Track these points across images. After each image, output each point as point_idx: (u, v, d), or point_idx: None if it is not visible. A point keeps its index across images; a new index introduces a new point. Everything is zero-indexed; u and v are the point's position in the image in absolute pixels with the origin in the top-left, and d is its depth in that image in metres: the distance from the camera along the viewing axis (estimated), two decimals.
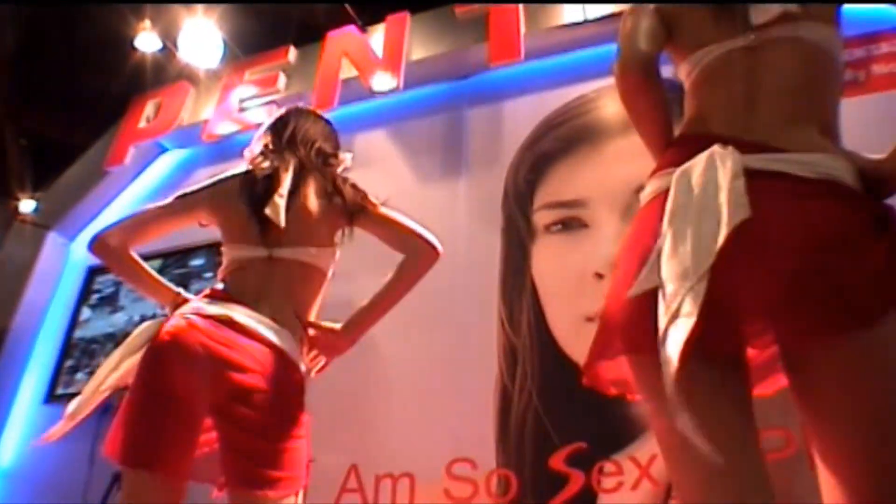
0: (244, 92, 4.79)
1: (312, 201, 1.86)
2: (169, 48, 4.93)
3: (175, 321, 1.66)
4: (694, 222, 1.11)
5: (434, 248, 1.93)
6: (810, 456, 1.24)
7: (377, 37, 4.55)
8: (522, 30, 4.06)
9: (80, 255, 5.01)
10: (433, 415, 3.26)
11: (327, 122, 2.10)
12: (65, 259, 5.03)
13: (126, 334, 4.28)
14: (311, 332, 1.84)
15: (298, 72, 4.80)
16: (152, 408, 1.61)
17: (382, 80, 4.30)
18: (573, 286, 3.21)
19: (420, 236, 1.93)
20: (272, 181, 1.83)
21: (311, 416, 1.73)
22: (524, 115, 3.90)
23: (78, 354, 4.41)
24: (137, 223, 1.92)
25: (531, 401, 3.09)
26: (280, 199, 1.79)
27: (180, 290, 1.88)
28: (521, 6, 4.13)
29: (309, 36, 4.90)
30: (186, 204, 1.91)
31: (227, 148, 4.80)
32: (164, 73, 5.15)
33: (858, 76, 3.36)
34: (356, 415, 3.40)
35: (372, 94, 4.34)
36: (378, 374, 3.48)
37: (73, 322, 4.57)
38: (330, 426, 3.34)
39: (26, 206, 5.16)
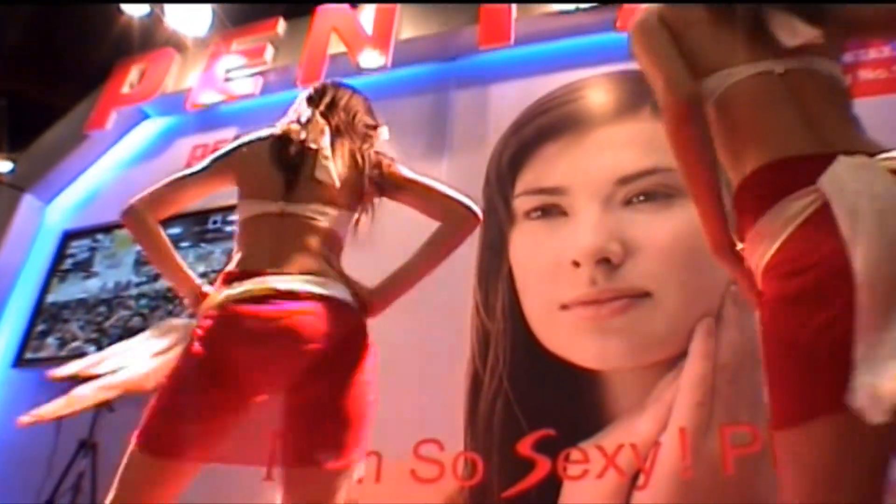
0: (230, 62, 4.75)
1: (340, 165, 1.80)
2: (156, 13, 4.86)
3: (214, 315, 1.58)
4: (886, 234, 1.05)
5: (475, 214, 1.82)
6: (774, 453, 1.22)
7: (367, 13, 4.51)
8: (514, 14, 4.04)
9: (55, 218, 4.95)
10: (402, 395, 3.25)
11: (366, 97, 2.06)
12: (40, 222, 4.97)
13: (100, 301, 4.28)
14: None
15: (286, 44, 4.75)
16: (206, 402, 1.53)
17: (370, 58, 4.27)
18: (550, 273, 3.20)
19: (459, 202, 1.82)
20: (306, 144, 1.78)
21: None
22: (510, 100, 3.88)
23: (49, 319, 4.36)
24: (173, 190, 1.80)
25: (501, 385, 3.09)
26: (327, 161, 1.76)
27: (202, 281, 1.76)
28: None
29: (299, 9, 4.85)
30: (221, 167, 1.82)
31: (210, 117, 4.76)
32: (151, 38, 5.07)
33: (846, 81, 3.38)
34: None
35: (359, 70, 4.29)
36: None
37: (46, 286, 4.51)
38: None
39: (2, 166, 5.12)
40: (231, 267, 1.67)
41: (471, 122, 3.98)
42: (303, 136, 1.80)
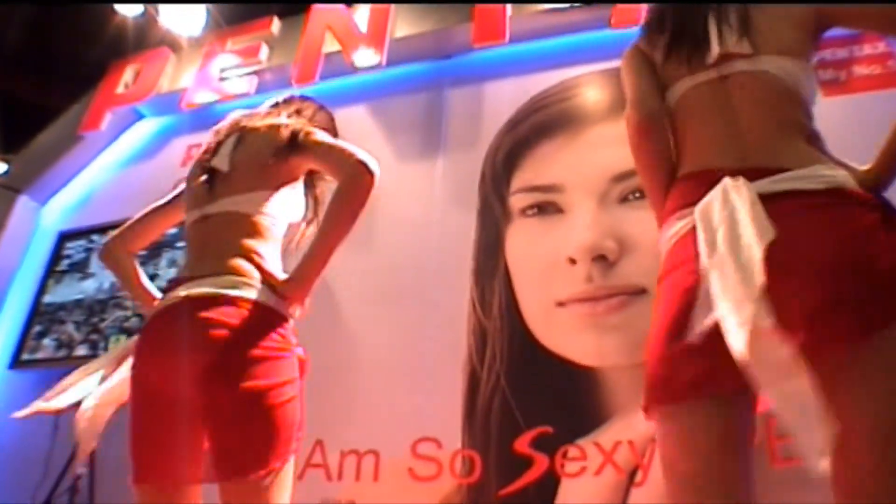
0: (225, 61, 4.73)
1: (244, 149, 1.81)
2: (150, 13, 4.85)
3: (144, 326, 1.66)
4: (731, 256, 1.17)
5: (367, 168, 1.66)
6: (771, 448, 1.26)
7: (362, 12, 4.50)
8: (508, 12, 4.04)
9: (51, 219, 4.94)
10: (400, 393, 3.26)
11: (331, 114, 2.10)
12: (35, 223, 4.96)
13: (96, 301, 4.27)
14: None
15: (281, 44, 4.74)
16: (147, 417, 1.57)
17: (365, 56, 4.26)
18: (546, 271, 3.21)
19: (353, 156, 1.68)
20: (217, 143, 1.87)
21: None
22: (505, 97, 3.88)
23: (46, 320, 4.35)
24: (144, 223, 1.99)
25: (499, 383, 3.09)
26: (225, 148, 1.81)
27: (160, 295, 1.75)
28: None
29: (293, 8, 4.85)
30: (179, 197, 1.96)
31: (205, 117, 4.74)
32: (145, 38, 5.07)
33: (840, 76, 3.40)
34: (322, 390, 3.38)
35: (354, 69, 4.29)
36: (346, 350, 3.47)
37: (42, 287, 4.50)
38: None
39: None
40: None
41: (466, 120, 3.98)
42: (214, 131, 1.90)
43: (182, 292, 1.58)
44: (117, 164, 4.99)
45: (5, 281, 4.73)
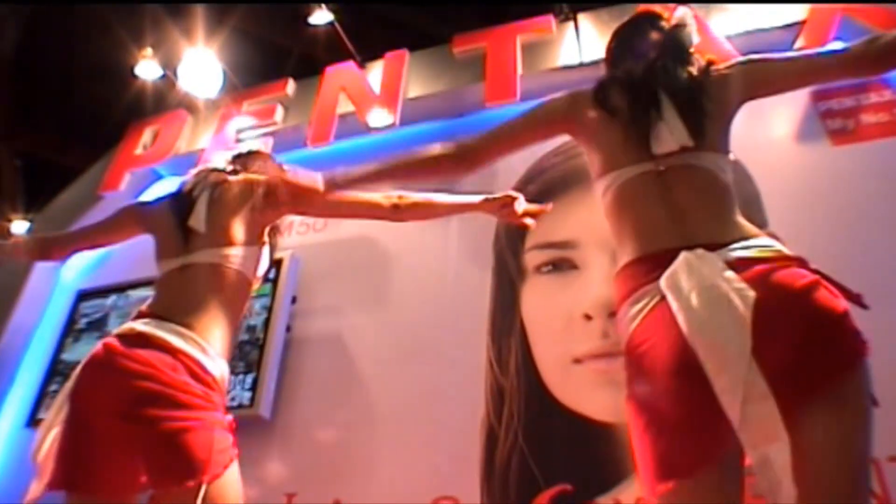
0: (241, 122, 4.83)
1: (231, 203, 1.95)
2: (169, 76, 4.98)
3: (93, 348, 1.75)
4: (712, 321, 1.27)
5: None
6: None
7: (375, 73, 4.60)
8: (519, 71, 4.13)
9: (70, 278, 5.00)
10: (418, 451, 3.25)
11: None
12: (54, 282, 5.01)
13: None
14: None
15: (296, 105, 4.84)
16: (74, 430, 1.68)
17: (379, 117, 4.34)
18: (562, 327, 3.22)
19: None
20: (194, 195, 1.97)
21: (296, 450, 1.74)
22: (518, 155, 3.90)
23: (63, 379, 4.36)
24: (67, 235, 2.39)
25: (517, 441, 3.08)
26: (201, 206, 1.91)
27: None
28: (518, 48, 4.21)
29: (308, 69, 4.97)
30: (119, 218, 2.16)
31: None
32: (163, 100, 5.19)
33: (848, 125, 3.44)
34: (340, 449, 3.38)
35: (368, 129, 4.37)
36: (363, 408, 3.47)
37: (60, 346, 4.53)
38: (313, 461, 3.32)
39: (19, 227, 5.16)
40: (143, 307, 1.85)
41: (479, 178, 3.99)
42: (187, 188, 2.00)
43: (146, 329, 1.72)
44: None
45: (24, 339, 4.76)
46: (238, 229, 1.91)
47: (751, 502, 2.47)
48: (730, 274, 1.31)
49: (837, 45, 1.63)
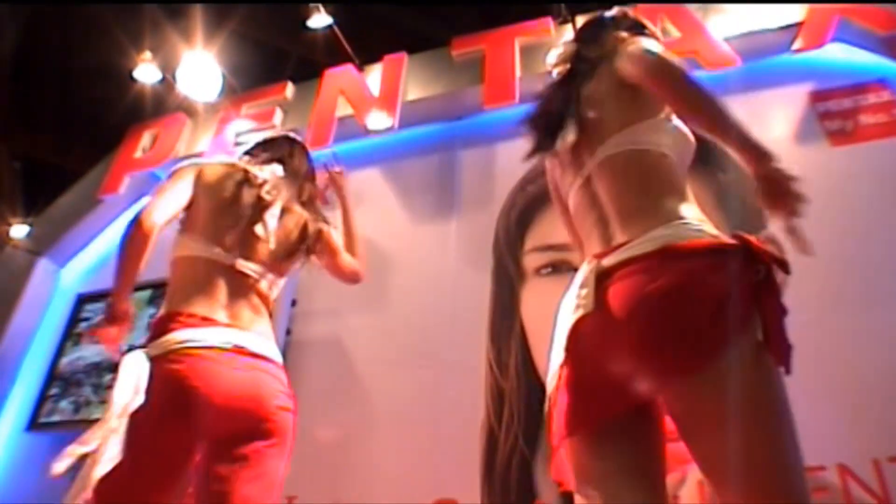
0: (240, 126, 4.84)
1: (289, 233, 1.93)
2: (168, 80, 4.98)
3: (190, 360, 1.60)
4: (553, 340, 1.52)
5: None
6: None
7: (374, 76, 4.61)
8: (518, 73, 4.13)
9: (69, 281, 5.00)
10: (418, 454, 3.25)
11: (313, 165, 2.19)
12: (54, 285, 5.01)
13: (113, 364, 4.28)
14: None
15: (295, 108, 4.85)
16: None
17: (378, 119, 4.35)
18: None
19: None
20: (262, 199, 1.88)
21: (296, 452, 1.74)
22: (517, 157, 3.86)
23: (63, 383, 4.38)
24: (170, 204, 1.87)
25: (517, 443, 3.09)
26: (271, 219, 1.87)
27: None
28: (517, 50, 4.22)
29: (307, 73, 4.97)
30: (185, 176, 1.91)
31: None
32: (163, 104, 5.19)
33: (846, 126, 3.45)
34: (341, 452, 3.39)
35: (367, 132, 4.39)
36: (363, 411, 3.47)
37: (60, 350, 4.54)
38: (314, 463, 3.32)
39: (18, 231, 5.14)
40: (183, 308, 1.71)
41: (478, 181, 4.05)
42: (265, 190, 1.90)
43: (231, 341, 1.66)
44: None
45: (24, 343, 4.76)
46: (286, 265, 1.93)
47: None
48: (581, 291, 1.43)
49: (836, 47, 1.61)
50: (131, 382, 1.55)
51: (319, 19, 4.59)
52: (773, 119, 3.60)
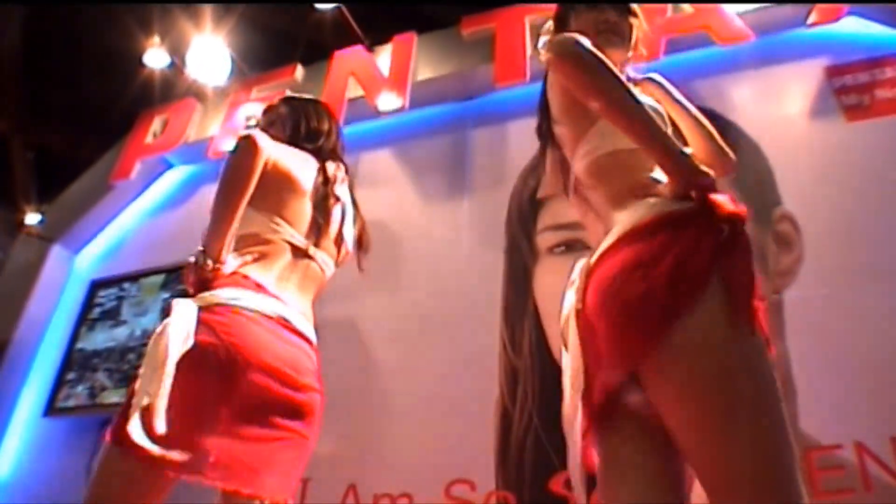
0: (251, 109, 4.82)
1: (347, 227, 2.00)
2: (177, 64, 4.97)
3: (239, 320, 1.61)
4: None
5: None
6: None
7: (384, 56, 4.58)
8: (528, 51, 4.09)
9: (83, 267, 5.03)
10: (433, 435, 3.25)
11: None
12: (68, 272, 5.05)
13: (127, 348, 4.31)
14: None
15: (305, 90, 4.79)
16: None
17: (388, 100, 4.33)
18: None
19: None
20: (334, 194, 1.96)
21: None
22: (529, 136, 3.85)
23: (79, 368, 4.41)
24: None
25: (532, 422, 3.08)
26: (347, 222, 1.99)
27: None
28: (527, 28, 4.17)
29: (316, 55, 4.95)
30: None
31: None
32: (172, 89, 5.18)
33: (863, 100, 3.40)
34: (355, 434, 3.39)
35: (378, 113, 4.36)
36: (378, 393, 3.48)
37: (75, 335, 4.56)
38: (329, 445, 3.33)
39: (31, 218, 5.18)
40: (257, 275, 1.72)
41: (490, 160, 4.02)
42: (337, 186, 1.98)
43: (278, 311, 1.70)
44: (147, 213, 5.09)
45: (39, 329, 4.80)
46: (345, 258, 2.02)
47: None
48: (570, 291, 1.54)
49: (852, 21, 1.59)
50: (183, 328, 1.56)
51: (328, 1, 4.56)
52: (788, 95, 3.55)
